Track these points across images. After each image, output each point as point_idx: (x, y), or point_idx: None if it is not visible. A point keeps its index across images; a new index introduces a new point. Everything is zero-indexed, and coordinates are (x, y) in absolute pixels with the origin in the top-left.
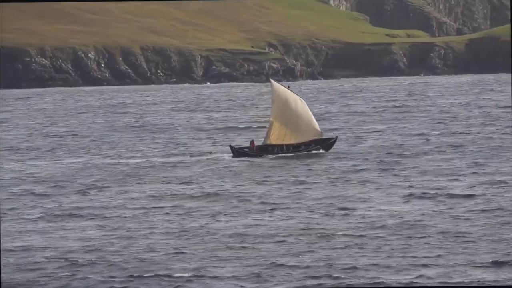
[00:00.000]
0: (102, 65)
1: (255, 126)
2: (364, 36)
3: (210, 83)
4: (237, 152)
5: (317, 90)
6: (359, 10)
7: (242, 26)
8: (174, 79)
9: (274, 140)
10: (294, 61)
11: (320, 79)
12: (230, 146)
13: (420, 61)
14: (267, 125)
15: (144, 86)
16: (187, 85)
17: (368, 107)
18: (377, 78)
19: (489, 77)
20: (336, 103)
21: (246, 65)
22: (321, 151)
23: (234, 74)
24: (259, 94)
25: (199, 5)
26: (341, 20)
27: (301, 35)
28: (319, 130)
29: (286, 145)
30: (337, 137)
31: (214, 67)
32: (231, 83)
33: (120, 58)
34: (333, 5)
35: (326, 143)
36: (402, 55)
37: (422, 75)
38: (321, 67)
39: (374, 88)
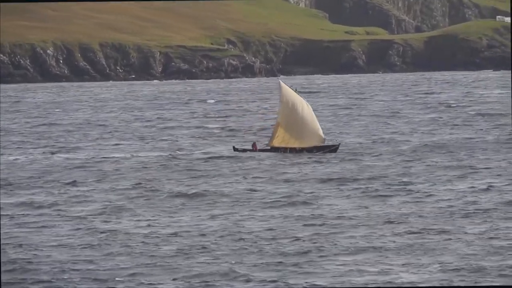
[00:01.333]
0: (61, 61)
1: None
2: (323, 33)
3: (170, 79)
4: (240, 153)
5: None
6: (318, 7)
7: (201, 23)
8: (133, 76)
9: (278, 143)
10: (253, 58)
11: (279, 76)
12: (234, 147)
13: (379, 59)
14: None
15: (103, 82)
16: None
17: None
18: (335, 75)
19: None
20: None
21: (205, 62)
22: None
23: (193, 70)
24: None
25: (158, 1)
26: (300, 17)
27: (260, 32)
28: (323, 136)
29: (290, 148)
30: (339, 143)
31: (173, 63)
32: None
33: (79, 55)
34: (292, 2)
35: (329, 150)
36: (361, 52)
37: (380, 72)
38: (280, 64)
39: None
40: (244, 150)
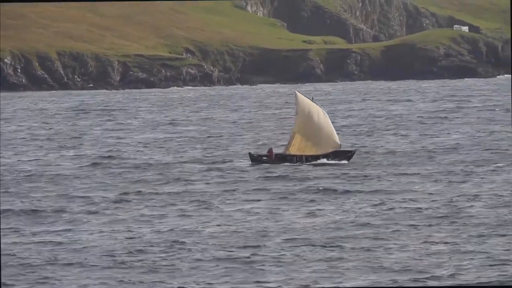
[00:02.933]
0: (19, 70)
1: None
2: (281, 42)
3: (128, 88)
4: (256, 159)
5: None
6: (276, 16)
7: (160, 32)
8: (91, 85)
9: (294, 151)
10: (211, 67)
11: (238, 85)
12: (250, 153)
13: (337, 68)
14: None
15: (61, 91)
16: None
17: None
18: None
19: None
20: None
21: (163, 71)
22: (343, 161)
23: (152, 79)
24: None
25: (116, 10)
26: (258, 26)
27: (219, 41)
28: (339, 142)
29: (306, 156)
30: (356, 149)
31: (131, 72)
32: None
33: (37, 63)
34: (250, 11)
35: (345, 156)
36: (319, 61)
37: (339, 81)
38: (238, 73)
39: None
40: (260, 156)
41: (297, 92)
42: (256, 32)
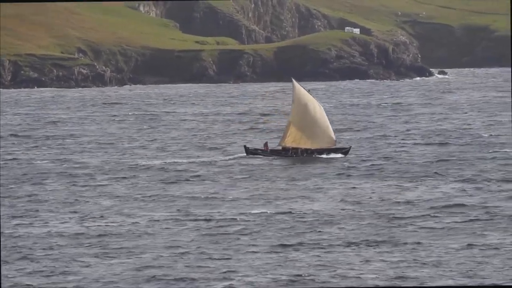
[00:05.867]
0: None
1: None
2: (174, 43)
3: (19, 88)
4: (251, 152)
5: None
6: (169, 17)
7: (52, 31)
8: None
9: (289, 142)
10: (104, 67)
11: (130, 85)
12: (245, 146)
13: (230, 69)
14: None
15: None
16: None
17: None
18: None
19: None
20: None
21: (55, 71)
22: (338, 155)
23: (43, 79)
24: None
25: (10, 9)
26: (151, 27)
27: (111, 41)
28: (334, 138)
29: (301, 149)
30: (350, 147)
31: (22, 72)
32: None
33: None
34: (143, 11)
35: (340, 152)
36: (212, 62)
37: (231, 82)
38: (131, 74)
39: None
40: (256, 150)
41: (294, 80)
42: (149, 33)
